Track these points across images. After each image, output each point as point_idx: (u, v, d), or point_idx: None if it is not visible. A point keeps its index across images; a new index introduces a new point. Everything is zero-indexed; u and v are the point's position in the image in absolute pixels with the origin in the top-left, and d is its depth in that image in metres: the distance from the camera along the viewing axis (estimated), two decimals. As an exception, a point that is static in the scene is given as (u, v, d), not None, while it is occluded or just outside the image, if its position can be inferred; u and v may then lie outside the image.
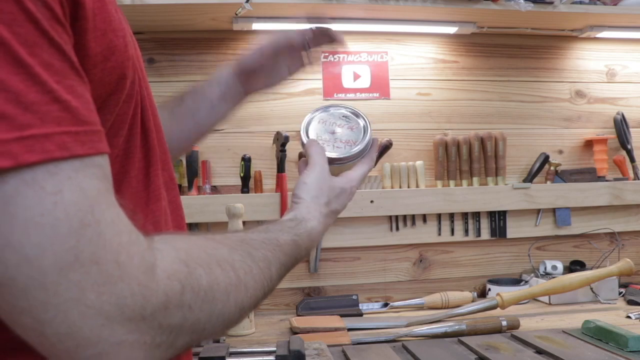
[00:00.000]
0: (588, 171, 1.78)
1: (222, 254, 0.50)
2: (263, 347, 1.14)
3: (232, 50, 1.67)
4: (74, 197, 0.37)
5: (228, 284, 0.48)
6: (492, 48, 1.80)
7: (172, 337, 0.43)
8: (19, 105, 0.35)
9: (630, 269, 1.49)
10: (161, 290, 0.41)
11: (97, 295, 0.38)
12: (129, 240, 0.40)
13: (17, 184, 0.35)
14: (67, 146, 0.37)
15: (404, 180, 1.68)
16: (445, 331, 1.28)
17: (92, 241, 0.38)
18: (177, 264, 0.44)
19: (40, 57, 0.37)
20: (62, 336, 0.37)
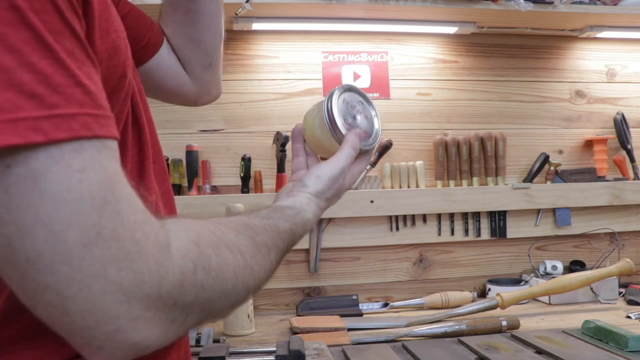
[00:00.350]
0: (588, 171, 1.78)
1: (229, 238, 0.52)
2: (263, 347, 1.14)
3: (232, 50, 1.67)
4: (97, 175, 0.39)
5: (236, 266, 0.50)
6: (492, 48, 1.80)
7: (184, 315, 0.44)
8: (48, 86, 0.37)
9: (630, 269, 1.49)
10: (177, 269, 0.43)
11: (117, 271, 0.39)
12: (144, 219, 0.42)
13: (46, 160, 0.37)
14: (90, 126, 0.39)
15: (404, 180, 1.68)
16: (445, 331, 1.28)
17: (113, 218, 0.39)
18: (189, 244, 0.45)
19: (64, 44, 0.39)
20: (83, 312, 0.39)
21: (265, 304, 1.64)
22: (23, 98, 0.36)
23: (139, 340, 0.41)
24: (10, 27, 0.37)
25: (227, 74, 1.67)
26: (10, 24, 0.37)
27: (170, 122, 1.62)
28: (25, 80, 0.37)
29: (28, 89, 0.37)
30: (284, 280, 1.65)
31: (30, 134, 0.36)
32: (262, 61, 1.68)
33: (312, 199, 0.73)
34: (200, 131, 1.65)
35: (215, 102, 1.71)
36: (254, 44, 1.68)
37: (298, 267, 1.66)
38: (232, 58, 1.67)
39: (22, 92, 0.36)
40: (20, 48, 0.37)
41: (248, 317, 1.38)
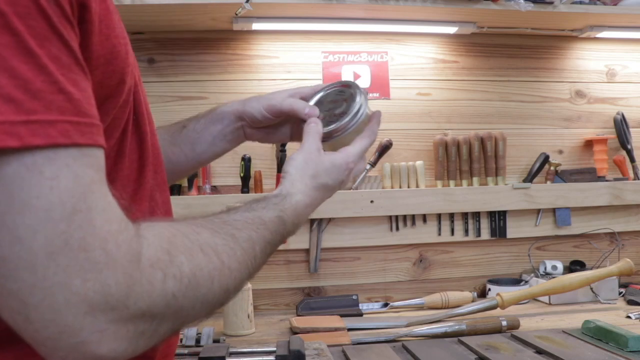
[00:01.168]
0: (588, 171, 1.77)
1: (204, 239, 0.50)
2: (263, 347, 1.14)
3: (232, 50, 1.67)
4: (69, 184, 0.39)
5: (212, 269, 0.49)
6: (492, 48, 1.80)
7: (155, 325, 0.44)
8: (27, 92, 0.37)
9: (630, 269, 1.49)
10: (145, 279, 0.42)
11: (83, 282, 0.38)
12: (118, 229, 0.41)
13: (18, 166, 0.37)
14: (68, 134, 0.39)
15: (404, 180, 1.68)
16: (445, 331, 1.28)
17: (82, 227, 0.39)
18: (160, 252, 0.44)
19: (49, 50, 0.39)
20: (46, 322, 0.38)
21: (265, 304, 1.64)
22: (0, 102, 0.36)
23: (104, 353, 0.40)
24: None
25: (227, 74, 1.67)
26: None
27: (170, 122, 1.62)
28: (3, 84, 0.36)
29: (5, 93, 0.36)
30: (284, 280, 1.65)
31: (5, 138, 0.36)
32: (262, 61, 1.68)
33: (296, 179, 0.71)
34: (200, 131, 1.65)
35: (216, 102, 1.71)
36: (254, 44, 1.68)
37: (298, 267, 1.66)
38: (232, 58, 1.67)
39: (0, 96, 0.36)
40: (0, 52, 0.37)
41: (248, 317, 1.38)
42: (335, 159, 0.75)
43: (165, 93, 1.64)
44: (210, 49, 1.66)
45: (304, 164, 0.73)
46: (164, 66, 1.64)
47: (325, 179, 0.74)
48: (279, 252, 1.63)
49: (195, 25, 1.59)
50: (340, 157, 0.76)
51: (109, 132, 0.52)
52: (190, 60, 1.65)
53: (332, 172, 0.75)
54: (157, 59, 1.64)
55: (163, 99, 1.63)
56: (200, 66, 1.66)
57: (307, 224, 1.63)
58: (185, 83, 1.65)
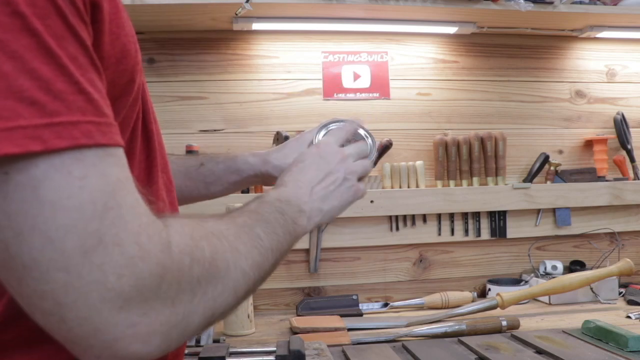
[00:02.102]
0: (588, 171, 1.77)
1: (212, 226, 0.52)
2: (263, 347, 1.14)
3: (232, 50, 1.67)
4: (98, 182, 0.39)
5: (225, 251, 0.50)
6: (492, 48, 1.80)
7: (186, 315, 0.44)
8: (49, 93, 0.37)
9: (630, 269, 1.49)
10: (175, 267, 0.43)
11: (118, 277, 0.39)
12: (148, 222, 0.42)
13: (46, 168, 0.37)
14: (91, 135, 0.39)
15: (404, 180, 1.68)
16: (445, 331, 1.28)
17: (115, 224, 0.39)
18: (186, 238, 0.46)
19: (67, 50, 0.39)
20: (81, 320, 0.38)
21: (265, 304, 1.64)
22: (23, 105, 0.36)
23: (137, 349, 0.40)
24: (12, 34, 0.36)
25: (227, 74, 1.67)
26: (12, 30, 0.36)
27: (170, 122, 1.62)
28: (26, 87, 0.36)
29: (28, 96, 0.36)
30: (284, 280, 1.65)
31: (29, 142, 0.36)
32: (262, 61, 1.68)
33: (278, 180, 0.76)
34: (200, 131, 1.65)
35: (216, 102, 1.73)
36: (254, 44, 1.68)
37: (298, 267, 1.66)
38: (232, 58, 1.67)
39: (22, 99, 0.36)
40: (22, 54, 0.36)
41: (248, 317, 1.38)
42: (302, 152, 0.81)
43: (165, 93, 1.64)
44: (210, 49, 1.66)
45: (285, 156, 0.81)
46: (164, 66, 1.64)
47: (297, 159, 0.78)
48: (279, 252, 1.63)
49: (195, 25, 1.59)
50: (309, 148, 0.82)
51: (120, 131, 0.52)
52: (190, 60, 1.65)
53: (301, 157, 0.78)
54: (157, 59, 1.64)
55: (163, 99, 1.63)
56: (200, 66, 1.66)
57: (307, 224, 1.63)
58: (185, 83, 1.65)
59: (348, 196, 0.80)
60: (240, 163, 0.94)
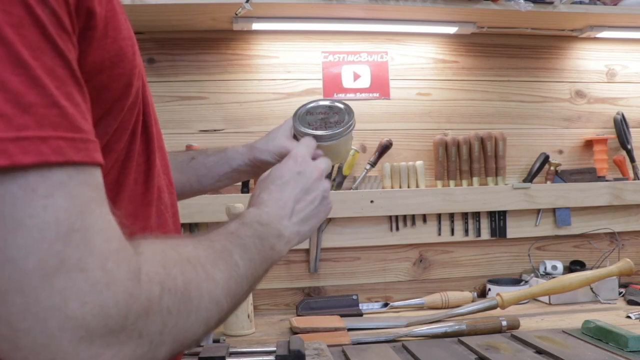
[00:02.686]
0: (588, 171, 1.77)
1: (189, 251, 0.49)
2: (263, 347, 1.14)
3: (232, 50, 1.67)
4: (64, 203, 0.37)
5: (200, 281, 0.47)
6: (492, 48, 1.80)
7: (153, 347, 0.41)
8: (18, 105, 0.35)
9: (630, 269, 1.49)
10: (144, 296, 0.40)
11: (80, 305, 0.36)
12: (118, 247, 0.40)
13: (9, 184, 0.35)
14: (62, 151, 0.37)
15: (404, 180, 1.68)
16: (445, 331, 1.28)
17: (80, 247, 0.37)
18: (157, 266, 0.43)
19: (42, 61, 0.37)
20: (37, 349, 0.35)
21: (265, 304, 1.64)
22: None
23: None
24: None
25: (227, 74, 1.67)
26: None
27: (170, 122, 1.62)
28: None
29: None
30: (284, 280, 1.65)
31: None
32: (262, 61, 1.68)
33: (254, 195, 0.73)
34: (200, 131, 1.65)
35: (216, 102, 1.73)
36: (254, 44, 1.68)
37: (298, 267, 1.66)
38: (232, 58, 1.67)
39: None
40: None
41: (248, 317, 1.38)
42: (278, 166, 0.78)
43: (165, 93, 1.64)
44: (210, 49, 1.66)
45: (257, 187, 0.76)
46: (164, 66, 1.64)
47: (274, 174, 0.75)
48: (279, 252, 1.63)
49: (195, 25, 1.59)
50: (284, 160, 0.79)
51: (117, 135, 0.52)
52: (190, 60, 1.65)
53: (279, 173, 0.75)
54: (156, 59, 1.64)
55: (163, 99, 1.63)
56: (200, 66, 1.66)
57: (307, 224, 1.63)
58: (185, 83, 1.65)
59: (324, 215, 0.78)
60: (230, 153, 0.96)
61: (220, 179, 0.97)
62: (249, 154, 0.95)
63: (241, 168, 0.96)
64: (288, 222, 0.71)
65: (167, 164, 0.65)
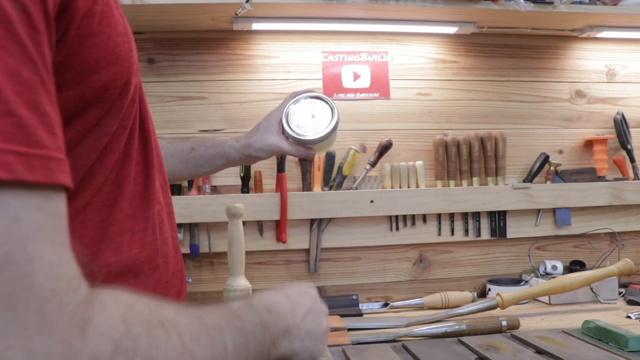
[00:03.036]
0: (588, 171, 1.77)
1: (167, 314, 0.42)
2: (263, 347, 1.14)
3: (232, 50, 1.67)
4: (4, 226, 0.31)
5: (170, 350, 0.39)
6: (492, 48, 1.80)
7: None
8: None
9: (630, 269, 1.49)
10: (88, 350, 0.34)
11: (5, 349, 0.30)
12: (66, 288, 0.34)
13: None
14: (10, 167, 0.31)
15: (404, 180, 1.68)
16: (445, 331, 1.28)
17: (14, 282, 0.31)
18: (114, 319, 0.37)
19: (4, 62, 0.32)
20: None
21: (265, 304, 1.64)
22: None
23: None
24: None
25: (227, 74, 1.67)
26: None
27: (170, 122, 1.62)
28: None
29: None
30: (284, 280, 1.64)
31: None
32: (262, 61, 1.68)
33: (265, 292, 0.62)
34: (200, 131, 1.65)
35: (216, 102, 1.73)
36: (254, 44, 1.68)
37: (298, 267, 1.66)
38: (232, 58, 1.67)
39: None
40: None
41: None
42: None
43: (165, 93, 1.64)
44: (210, 49, 1.66)
45: None
46: (164, 66, 1.64)
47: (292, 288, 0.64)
48: (278, 252, 1.63)
49: (195, 25, 1.59)
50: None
51: (117, 134, 0.51)
52: (190, 60, 1.65)
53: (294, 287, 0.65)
54: (156, 59, 1.63)
55: (163, 99, 1.63)
56: (200, 66, 1.66)
57: (307, 224, 1.63)
58: (185, 83, 1.65)
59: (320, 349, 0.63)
60: (228, 148, 1.09)
61: (215, 168, 1.11)
62: (244, 150, 1.08)
63: (236, 161, 1.11)
64: (300, 322, 0.59)
65: (161, 161, 0.64)
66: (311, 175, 1.65)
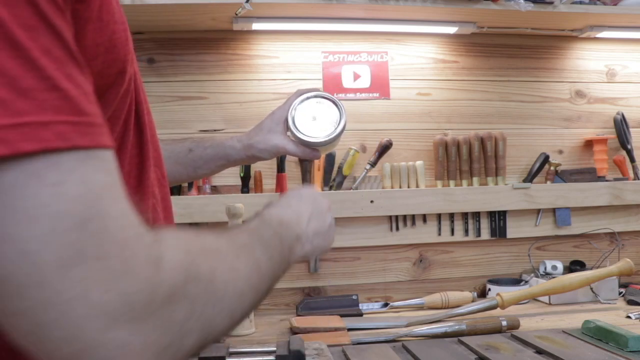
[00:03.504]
0: (588, 171, 1.77)
1: (211, 241, 0.48)
2: (263, 347, 1.14)
3: (232, 50, 1.67)
4: (77, 190, 0.35)
5: (224, 271, 0.46)
6: (492, 48, 1.80)
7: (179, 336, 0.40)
8: (15, 90, 0.33)
9: (630, 269, 1.49)
10: (166, 283, 0.39)
11: (102, 293, 0.35)
12: (136, 234, 0.38)
13: (17, 174, 0.33)
14: (66, 136, 0.35)
15: (404, 180, 1.68)
16: (445, 331, 1.28)
17: (96, 235, 0.35)
18: (181, 253, 0.42)
19: (39, 42, 0.35)
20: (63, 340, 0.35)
21: (265, 304, 1.63)
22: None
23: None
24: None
25: (227, 74, 1.67)
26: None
27: (170, 122, 1.62)
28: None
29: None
30: (284, 280, 1.62)
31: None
32: (262, 61, 1.68)
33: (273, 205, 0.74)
34: (200, 131, 1.65)
35: (216, 102, 1.73)
36: (254, 44, 1.68)
37: (298, 267, 1.66)
38: (232, 58, 1.67)
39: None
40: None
41: (248, 317, 1.38)
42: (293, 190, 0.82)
43: (165, 93, 1.64)
44: (210, 49, 1.66)
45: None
46: (164, 66, 1.64)
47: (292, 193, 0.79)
48: (279, 252, 1.63)
49: (195, 25, 1.59)
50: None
51: (110, 124, 0.50)
52: (190, 60, 1.65)
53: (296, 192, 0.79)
54: (156, 59, 1.63)
55: (163, 99, 1.63)
56: (200, 66, 1.66)
57: (307, 224, 1.63)
58: (185, 83, 1.65)
59: (328, 243, 0.79)
60: (228, 149, 1.04)
61: (215, 169, 1.06)
62: (247, 151, 1.03)
63: (237, 162, 1.06)
64: (305, 227, 0.72)
65: (159, 155, 0.64)
66: (311, 175, 1.65)
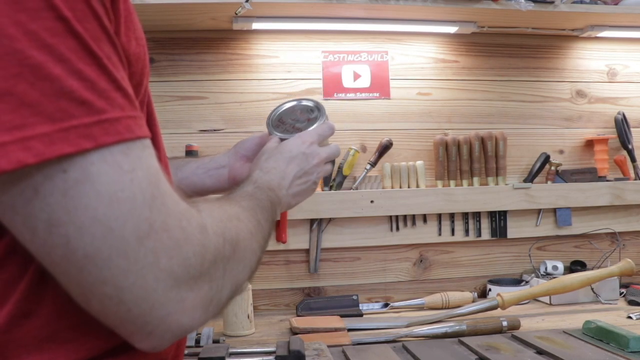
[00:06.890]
0: (589, 171, 1.77)
1: (230, 208, 0.58)
2: (263, 347, 1.14)
3: (232, 50, 1.67)
4: (144, 174, 0.42)
5: (245, 233, 0.55)
6: (493, 48, 1.80)
7: (219, 290, 0.49)
8: (95, 92, 0.40)
9: (631, 269, 1.49)
10: (212, 247, 0.47)
11: (169, 259, 0.43)
12: (186, 207, 0.46)
13: (100, 164, 0.40)
14: (132, 129, 0.42)
15: (404, 180, 1.67)
16: (445, 331, 1.27)
17: (161, 211, 0.43)
18: (217, 221, 0.51)
19: (104, 50, 0.42)
20: (139, 300, 0.42)
21: (265, 304, 1.63)
22: (73, 105, 0.39)
23: (185, 321, 0.45)
24: (59, 38, 0.39)
25: (226, 74, 1.67)
26: (59, 35, 0.39)
27: (170, 122, 1.62)
28: (75, 88, 0.39)
29: (78, 96, 0.39)
30: (284, 281, 1.64)
31: (82, 141, 0.39)
32: (262, 61, 1.68)
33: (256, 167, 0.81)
34: (200, 131, 1.65)
35: (215, 102, 1.73)
36: (254, 44, 1.68)
37: (298, 267, 1.65)
38: (231, 58, 1.67)
39: (72, 99, 0.39)
40: (69, 57, 0.39)
41: (248, 317, 1.38)
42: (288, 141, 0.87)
43: (165, 93, 1.64)
44: (210, 49, 1.66)
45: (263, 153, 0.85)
46: (164, 66, 1.64)
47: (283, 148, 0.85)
48: (278, 252, 1.63)
49: (195, 25, 1.59)
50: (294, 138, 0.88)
51: None
52: (189, 60, 1.65)
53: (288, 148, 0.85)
54: (156, 58, 1.63)
55: (162, 98, 1.63)
56: (200, 66, 1.65)
57: (307, 224, 1.63)
58: (184, 83, 1.65)
59: (308, 195, 0.88)
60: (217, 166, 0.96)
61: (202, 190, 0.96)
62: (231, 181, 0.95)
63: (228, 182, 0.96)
64: (285, 193, 0.81)
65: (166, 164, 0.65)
66: (311, 175, 1.65)
